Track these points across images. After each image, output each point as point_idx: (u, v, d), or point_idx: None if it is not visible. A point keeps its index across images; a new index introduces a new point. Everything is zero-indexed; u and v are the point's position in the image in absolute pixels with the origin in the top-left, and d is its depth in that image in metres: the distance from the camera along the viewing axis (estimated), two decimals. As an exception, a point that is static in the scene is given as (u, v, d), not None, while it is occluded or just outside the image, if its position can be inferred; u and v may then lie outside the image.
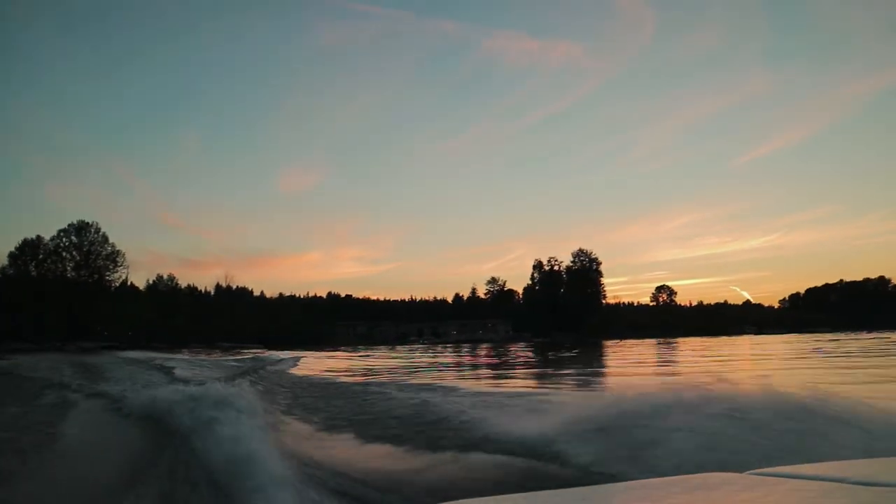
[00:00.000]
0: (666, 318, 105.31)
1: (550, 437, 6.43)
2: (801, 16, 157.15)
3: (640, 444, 5.57)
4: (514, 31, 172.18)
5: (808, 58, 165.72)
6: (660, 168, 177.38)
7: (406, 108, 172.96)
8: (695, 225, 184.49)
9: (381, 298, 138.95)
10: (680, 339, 69.71)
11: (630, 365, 26.36)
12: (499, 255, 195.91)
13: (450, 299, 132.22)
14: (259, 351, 45.08)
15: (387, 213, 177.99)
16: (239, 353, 40.43)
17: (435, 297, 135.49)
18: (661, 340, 67.65)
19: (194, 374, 17.94)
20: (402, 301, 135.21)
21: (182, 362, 24.65)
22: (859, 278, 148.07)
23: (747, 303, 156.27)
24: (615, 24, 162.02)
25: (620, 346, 53.38)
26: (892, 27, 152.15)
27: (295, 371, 22.45)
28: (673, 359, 31.42)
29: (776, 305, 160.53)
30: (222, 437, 5.86)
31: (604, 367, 26.20)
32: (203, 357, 34.08)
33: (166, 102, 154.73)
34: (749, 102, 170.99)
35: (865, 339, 49.28)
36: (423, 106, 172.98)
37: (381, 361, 32.70)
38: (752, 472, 1.93)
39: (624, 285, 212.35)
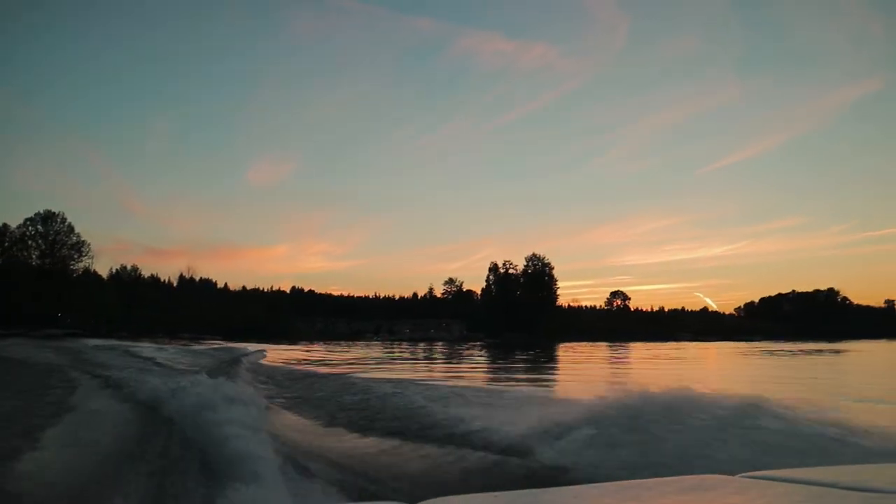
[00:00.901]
0: (617, 323, 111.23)
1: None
2: (773, 29, 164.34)
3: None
4: (489, 31, 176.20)
5: (778, 70, 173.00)
6: (629, 173, 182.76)
7: (379, 104, 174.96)
8: (661, 231, 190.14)
9: (346, 294, 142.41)
10: (623, 344, 75.23)
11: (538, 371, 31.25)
12: (468, 254, 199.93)
13: (420, 296, 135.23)
14: (219, 343, 49.13)
15: (356, 209, 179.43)
16: (201, 344, 44.51)
17: (401, 296, 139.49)
18: (609, 344, 73.15)
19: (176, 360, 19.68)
20: (366, 297, 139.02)
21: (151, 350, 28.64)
22: (823, 288, 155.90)
23: (705, 310, 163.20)
24: (590, 28, 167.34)
25: (568, 348, 58.17)
26: (859, 42, 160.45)
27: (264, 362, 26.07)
28: (576, 364, 36.48)
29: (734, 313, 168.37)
30: (216, 424, 6.19)
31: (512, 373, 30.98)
32: (171, 346, 37.87)
33: (134, 89, 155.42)
34: (719, 111, 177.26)
35: (788, 349, 54.90)
36: (396, 102, 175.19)
37: (323, 355, 36.99)
38: (745, 474, 1.98)
39: (590, 288, 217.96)
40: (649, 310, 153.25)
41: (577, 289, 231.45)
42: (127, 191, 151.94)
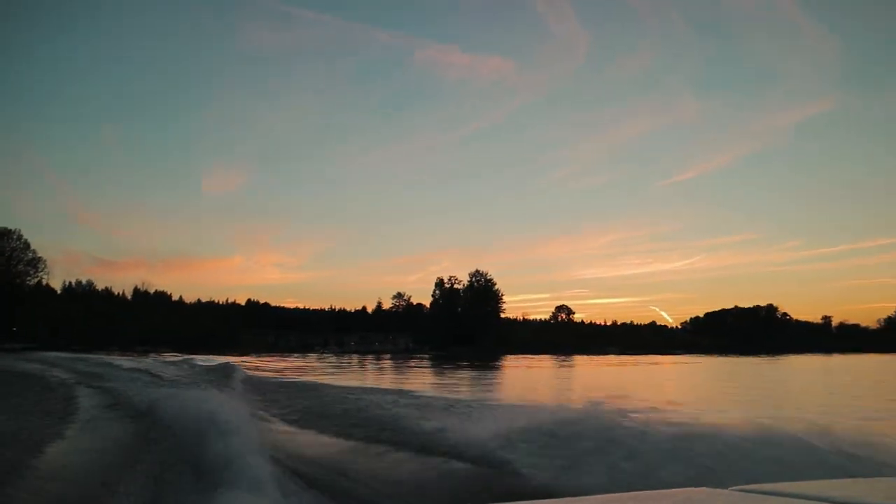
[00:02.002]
0: (559, 337, 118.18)
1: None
2: (729, 47, 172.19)
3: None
4: (446, 44, 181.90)
5: (733, 88, 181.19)
6: (586, 188, 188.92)
7: (336, 114, 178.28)
8: (618, 245, 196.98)
9: (300, 307, 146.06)
10: (556, 357, 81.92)
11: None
12: (424, 267, 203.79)
13: (370, 309, 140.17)
14: (173, 355, 54.08)
15: (311, 221, 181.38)
16: (159, 357, 49.29)
17: (354, 308, 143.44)
18: (534, 356, 79.81)
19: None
20: (319, 310, 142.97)
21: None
22: (773, 303, 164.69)
23: (654, 323, 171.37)
24: (548, 43, 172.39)
25: (486, 362, 64.24)
26: (813, 63, 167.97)
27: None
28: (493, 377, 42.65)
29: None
30: (209, 434, 6.39)
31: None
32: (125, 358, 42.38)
33: (85, 99, 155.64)
34: (675, 128, 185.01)
35: (697, 361, 61.83)
36: (352, 114, 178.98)
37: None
38: (736, 488, 2.00)
39: (547, 301, 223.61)
40: (602, 323, 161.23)
41: (533, 302, 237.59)
42: (78, 202, 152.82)
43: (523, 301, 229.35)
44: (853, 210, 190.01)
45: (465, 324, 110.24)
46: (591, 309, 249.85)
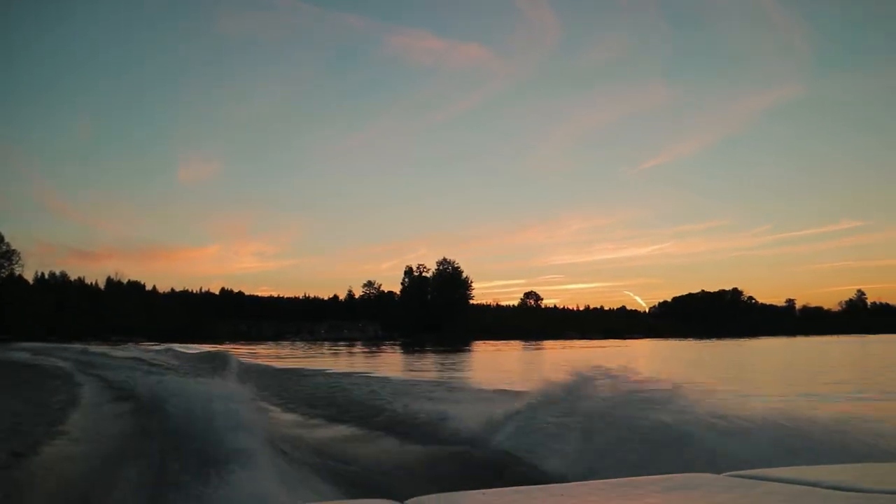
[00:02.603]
0: (528, 322, 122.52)
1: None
2: (701, 33, 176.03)
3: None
4: (418, 29, 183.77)
5: (704, 74, 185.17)
6: (558, 174, 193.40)
7: (309, 101, 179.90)
8: (591, 231, 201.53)
9: (276, 295, 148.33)
10: (519, 342, 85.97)
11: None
12: (400, 254, 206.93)
13: (342, 297, 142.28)
14: (148, 344, 56.90)
15: (287, 208, 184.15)
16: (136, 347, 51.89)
17: (328, 296, 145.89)
18: (512, 343, 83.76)
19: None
20: (293, 298, 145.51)
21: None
22: (741, 287, 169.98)
23: (623, 308, 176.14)
24: (521, 29, 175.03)
25: (446, 349, 67.88)
26: (783, 50, 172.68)
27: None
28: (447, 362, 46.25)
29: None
30: (209, 420, 6.55)
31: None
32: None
33: (58, 88, 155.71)
34: (646, 113, 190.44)
35: (662, 345, 65.95)
36: (326, 100, 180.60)
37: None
38: (730, 473, 2.06)
39: (521, 287, 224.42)
40: (575, 308, 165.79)
41: (508, 287, 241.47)
42: (51, 192, 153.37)
43: (498, 287, 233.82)
44: (821, 194, 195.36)
45: (432, 311, 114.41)
46: (565, 294, 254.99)
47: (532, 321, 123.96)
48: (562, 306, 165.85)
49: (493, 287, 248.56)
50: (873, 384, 19.04)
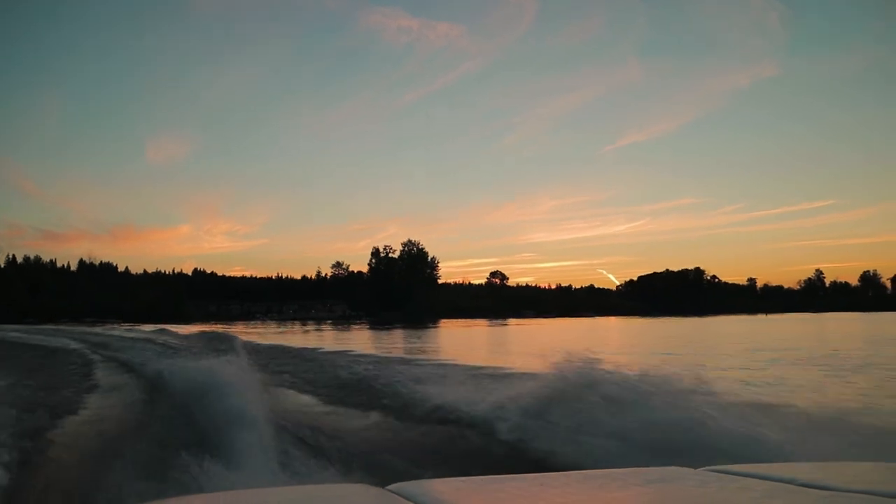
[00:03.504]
0: (493, 301, 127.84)
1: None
2: (676, 13, 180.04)
3: None
4: (392, 7, 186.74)
5: (679, 54, 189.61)
6: (533, 152, 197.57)
7: (282, 80, 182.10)
8: (565, 209, 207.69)
9: (249, 275, 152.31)
10: (485, 321, 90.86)
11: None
12: (372, 233, 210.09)
13: (312, 278, 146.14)
14: (120, 325, 60.73)
15: (260, 188, 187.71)
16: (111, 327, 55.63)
17: (301, 276, 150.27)
18: (470, 322, 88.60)
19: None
20: (265, 278, 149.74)
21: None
22: (716, 265, 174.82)
23: (592, 286, 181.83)
24: (496, 8, 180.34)
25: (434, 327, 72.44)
26: (757, 30, 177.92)
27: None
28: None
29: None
30: (213, 398, 6.68)
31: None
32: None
33: (23, 67, 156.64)
34: (621, 93, 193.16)
35: (615, 322, 71.06)
36: (299, 79, 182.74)
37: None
38: (707, 468, 2.06)
39: (495, 265, 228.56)
40: (546, 287, 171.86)
41: (482, 266, 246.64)
42: (19, 173, 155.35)
43: (471, 265, 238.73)
44: (794, 173, 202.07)
45: (398, 291, 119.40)
46: (538, 272, 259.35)
47: (497, 300, 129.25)
48: (534, 284, 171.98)
49: (466, 265, 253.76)
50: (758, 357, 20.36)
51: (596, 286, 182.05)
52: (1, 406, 8.05)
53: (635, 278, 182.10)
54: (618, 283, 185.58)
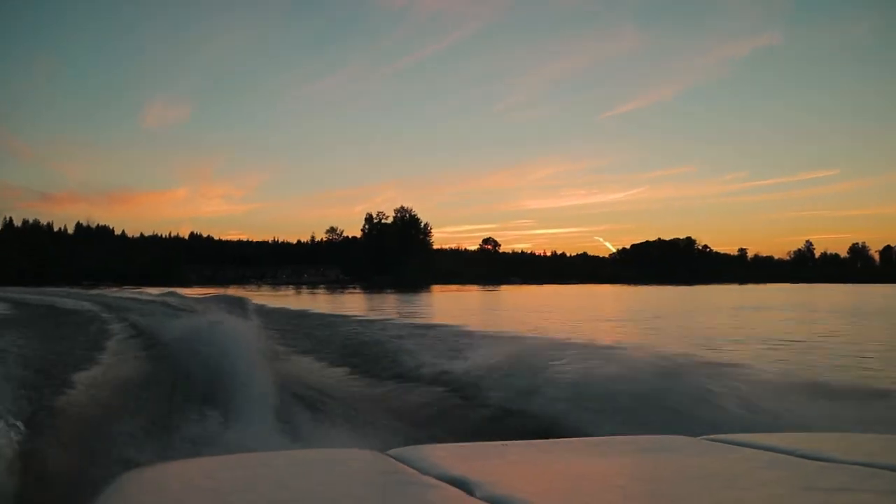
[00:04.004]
0: (485, 268, 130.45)
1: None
2: None
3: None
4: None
5: (676, 20, 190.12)
6: (529, 119, 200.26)
7: (278, 44, 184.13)
8: (562, 176, 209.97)
9: (244, 239, 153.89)
10: (476, 287, 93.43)
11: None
12: (369, 197, 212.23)
13: (315, 240, 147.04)
14: (116, 288, 62.95)
15: (256, 152, 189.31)
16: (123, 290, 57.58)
17: (297, 240, 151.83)
18: (461, 288, 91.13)
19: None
20: (261, 242, 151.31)
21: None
22: (710, 234, 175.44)
23: (584, 254, 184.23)
24: None
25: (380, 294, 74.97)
26: None
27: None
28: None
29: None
30: (220, 357, 6.70)
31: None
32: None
33: (15, 26, 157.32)
34: (618, 59, 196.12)
35: (602, 290, 73.66)
36: (295, 43, 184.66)
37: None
38: (706, 437, 2.08)
39: (491, 231, 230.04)
40: (541, 254, 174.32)
41: (478, 232, 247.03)
42: (13, 135, 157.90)
43: (466, 231, 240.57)
44: (793, 143, 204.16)
45: (390, 256, 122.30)
46: (535, 239, 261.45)
47: (489, 266, 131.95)
48: (529, 251, 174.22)
49: (462, 231, 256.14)
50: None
51: (589, 254, 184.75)
52: (14, 365, 8.07)
53: (629, 246, 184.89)
54: (613, 251, 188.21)
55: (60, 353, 10.10)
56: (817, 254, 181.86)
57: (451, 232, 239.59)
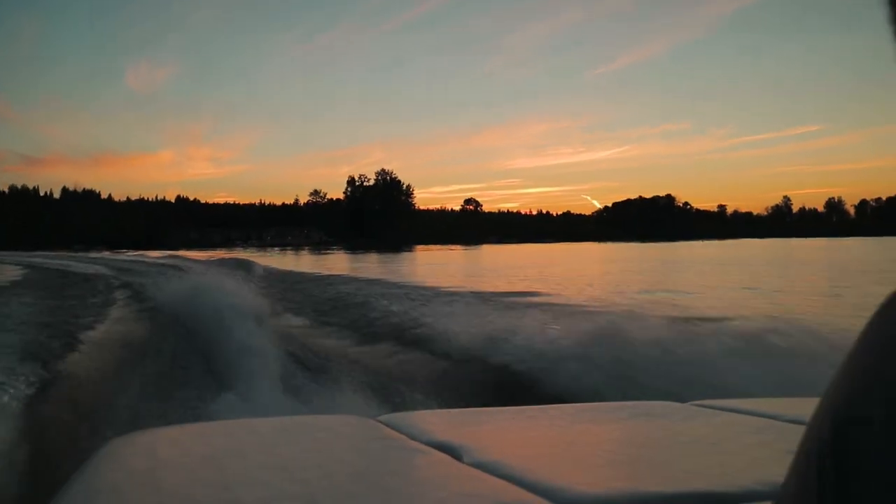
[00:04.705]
0: (466, 227, 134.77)
1: None
2: None
3: None
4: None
5: None
6: (517, 77, 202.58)
7: (263, 5, 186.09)
8: (549, 135, 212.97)
9: (231, 202, 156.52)
10: (458, 246, 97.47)
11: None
12: (358, 158, 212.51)
13: (302, 202, 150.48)
14: (111, 251, 66.36)
15: (244, 114, 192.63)
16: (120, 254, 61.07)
17: (282, 202, 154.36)
18: (443, 247, 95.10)
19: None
20: (248, 205, 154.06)
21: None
22: (693, 190, 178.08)
23: (567, 213, 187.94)
24: None
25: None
26: None
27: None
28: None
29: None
30: (222, 321, 6.85)
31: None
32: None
33: None
34: (607, 17, 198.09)
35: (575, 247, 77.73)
36: (279, 4, 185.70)
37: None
38: (694, 402, 2.09)
39: (480, 191, 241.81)
40: (529, 213, 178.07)
41: (463, 192, 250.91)
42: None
43: (456, 191, 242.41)
44: (778, 100, 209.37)
45: (372, 218, 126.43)
46: (523, 198, 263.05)
47: (471, 226, 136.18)
48: (516, 211, 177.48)
49: (450, 191, 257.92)
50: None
51: (572, 212, 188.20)
52: (21, 328, 8.19)
53: (609, 205, 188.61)
54: (599, 208, 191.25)
55: (72, 314, 10.49)
56: (795, 209, 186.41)
57: (439, 192, 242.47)
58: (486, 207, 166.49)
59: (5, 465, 3.62)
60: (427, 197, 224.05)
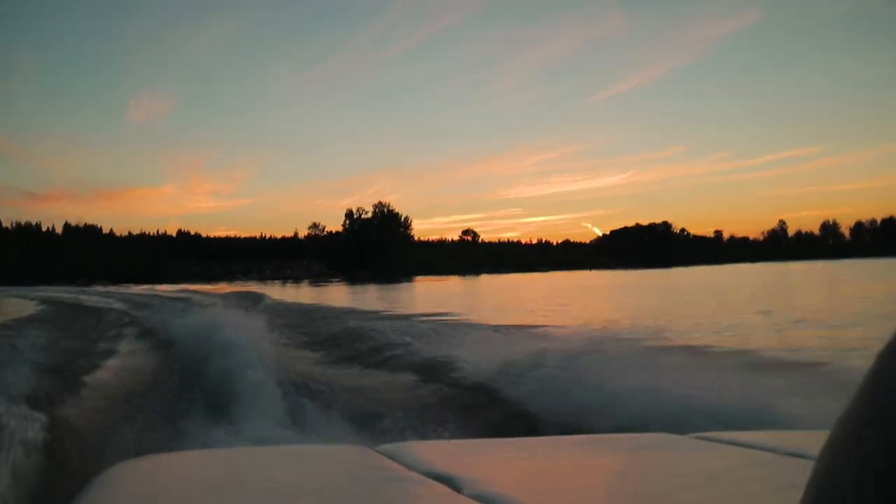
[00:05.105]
0: (464, 258, 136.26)
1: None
2: None
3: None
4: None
5: (660, 1, 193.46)
6: (516, 105, 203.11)
7: (264, 35, 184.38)
8: (550, 162, 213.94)
9: (233, 235, 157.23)
10: (456, 277, 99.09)
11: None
12: (359, 189, 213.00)
13: (301, 235, 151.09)
14: (114, 286, 67.87)
15: (243, 146, 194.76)
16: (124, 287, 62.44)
17: (282, 236, 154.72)
18: (441, 279, 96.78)
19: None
20: (249, 238, 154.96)
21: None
22: (694, 216, 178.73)
23: (567, 241, 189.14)
24: None
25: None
26: None
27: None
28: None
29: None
30: (225, 354, 6.97)
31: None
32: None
33: None
34: (603, 43, 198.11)
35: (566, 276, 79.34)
36: (281, 34, 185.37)
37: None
38: (694, 434, 2.10)
39: (481, 221, 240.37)
40: (529, 242, 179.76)
41: (464, 222, 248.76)
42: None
43: (456, 221, 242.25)
44: (774, 123, 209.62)
45: (371, 250, 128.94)
46: (524, 227, 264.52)
47: (469, 257, 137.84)
48: (516, 240, 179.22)
49: (451, 221, 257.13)
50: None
51: (571, 241, 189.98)
52: (29, 363, 8.19)
53: (608, 232, 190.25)
54: (599, 235, 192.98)
55: (83, 347, 10.77)
56: (791, 233, 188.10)
57: (440, 223, 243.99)
58: (486, 237, 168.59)
59: (11, 488, 3.68)
60: (428, 228, 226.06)
